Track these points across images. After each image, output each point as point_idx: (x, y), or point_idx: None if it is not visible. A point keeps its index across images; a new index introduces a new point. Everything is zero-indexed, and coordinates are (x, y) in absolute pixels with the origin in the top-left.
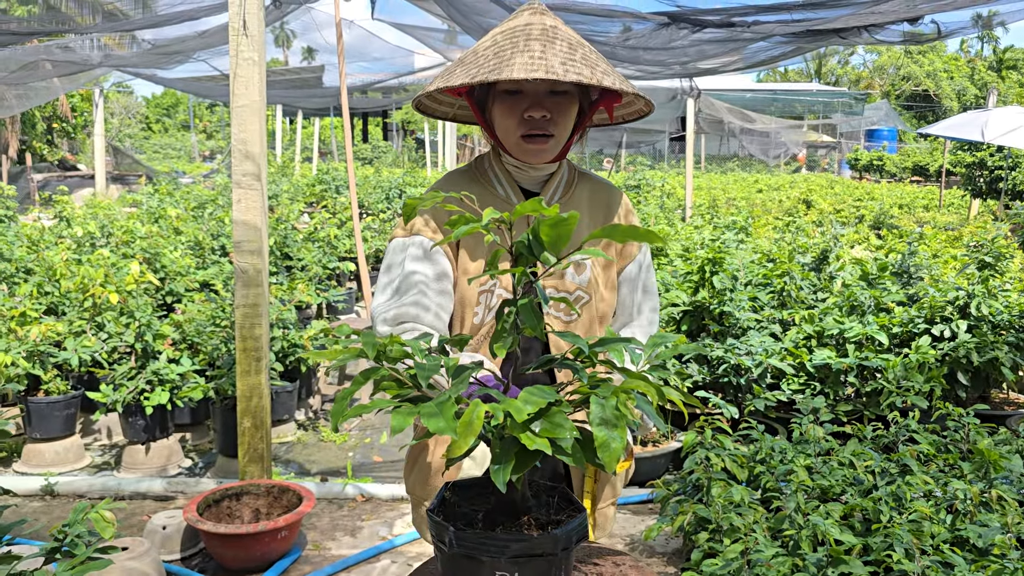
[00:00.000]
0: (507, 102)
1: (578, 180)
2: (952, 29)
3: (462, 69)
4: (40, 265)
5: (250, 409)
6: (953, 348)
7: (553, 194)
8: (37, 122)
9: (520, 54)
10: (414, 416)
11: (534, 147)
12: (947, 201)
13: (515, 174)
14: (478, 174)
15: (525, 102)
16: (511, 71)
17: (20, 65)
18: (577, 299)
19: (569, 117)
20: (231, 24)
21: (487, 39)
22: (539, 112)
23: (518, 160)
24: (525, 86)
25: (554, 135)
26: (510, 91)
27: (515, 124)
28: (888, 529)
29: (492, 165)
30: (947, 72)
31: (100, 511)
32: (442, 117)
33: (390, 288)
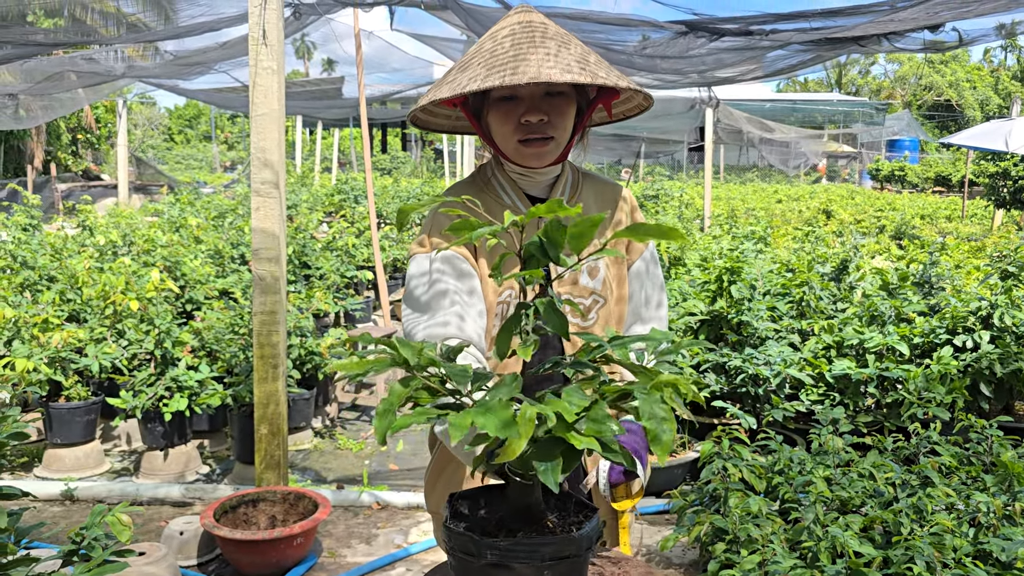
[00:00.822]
0: (502, 108)
1: (583, 181)
2: (974, 37)
3: (450, 80)
4: (63, 273)
5: (267, 416)
6: (975, 359)
7: (560, 197)
8: (62, 133)
9: (510, 59)
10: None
11: (533, 150)
12: (970, 211)
13: (520, 181)
14: (482, 183)
15: (521, 107)
16: (500, 76)
17: (45, 76)
18: (593, 303)
19: (567, 118)
20: (251, 34)
21: (474, 47)
22: (536, 116)
23: (519, 166)
24: (519, 91)
25: (554, 137)
26: (505, 97)
27: (512, 130)
28: (909, 542)
29: (495, 174)
30: (970, 82)
31: (117, 514)
32: (438, 129)
33: (423, 308)
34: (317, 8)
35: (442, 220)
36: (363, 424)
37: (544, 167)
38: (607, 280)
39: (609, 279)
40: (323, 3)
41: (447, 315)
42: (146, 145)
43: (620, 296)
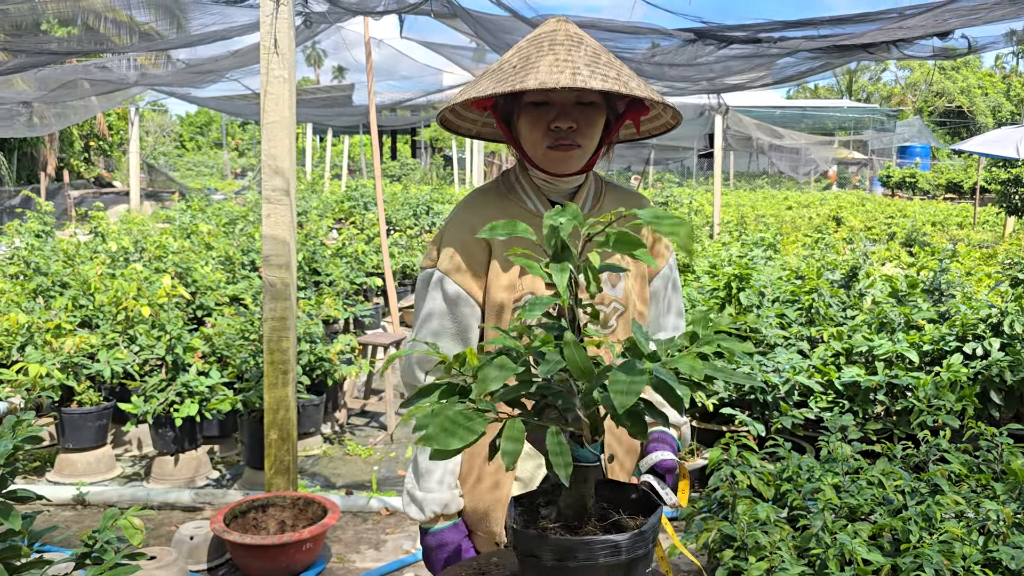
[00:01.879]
0: (533, 113)
1: (606, 191)
2: (984, 44)
3: (487, 81)
4: (75, 279)
5: (277, 421)
6: (986, 366)
7: (582, 205)
8: (75, 140)
9: (544, 62)
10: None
11: (560, 155)
12: (981, 218)
13: (544, 188)
14: (505, 189)
15: (551, 113)
16: (536, 78)
17: (59, 84)
18: (613, 310)
19: (596, 128)
20: (262, 42)
21: (511, 50)
22: (566, 122)
23: (545, 173)
24: (551, 97)
25: (581, 145)
26: (536, 103)
27: (541, 135)
28: (918, 550)
29: (519, 180)
30: (981, 88)
31: (129, 518)
32: (465, 134)
33: (419, 326)
34: (328, 16)
35: (453, 234)
36: (372, 430)
37: (569, 174)
38: (628, 289)
39: (629, 288)
40: (334, 11)
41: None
42: (158, 152)
43: (640, 307)
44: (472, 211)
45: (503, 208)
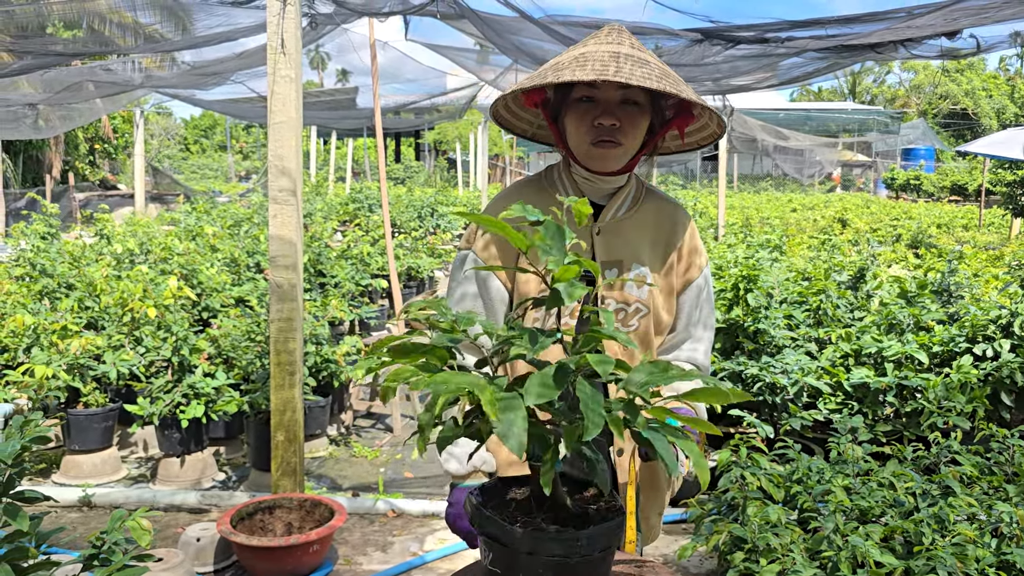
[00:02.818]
0: (579, 110)
1: (645, 196)
2: (991, 44)
3: (538, 76)
4: (81, 281)
5: (283, 423)
6: (996, 368)
7: (620, 207)
8: (80, 143)
9: (597, 62)
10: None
11: (600, 151)
12: (987, 220)
13: (583, 185)
14: (546, 184)
15: (597, 110)
16: (584, 73)
17: (64, 86)
18: (636, 310)
19: (639, 129)
20: (268, 42)
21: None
22: (609, 120)
23: (587, 171)
24: (598, 95)
25: (623, 144)
26: (583, 98)
27: (585, 131)
28: (931, 552)
29: (561, 176)
30: (986, 90)
31: (137, 519)
32: (521, 134)
33: (450, 303)
34: (334, 18)
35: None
36: (378, 432)
37: (609, 173)
38: (654, 293)
39: (656, 293)
40: (340, 12)
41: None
42: (162, 155)
43: (667, 309)
44: (510, 201)
45: (540, 201)
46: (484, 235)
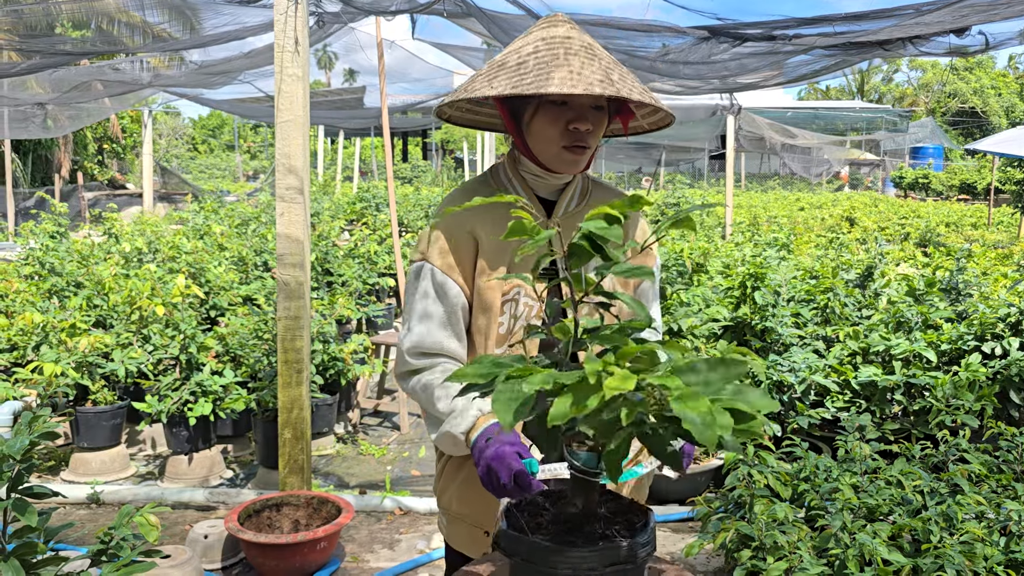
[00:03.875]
0: (552, 113)
1: (592, 189)
2: (1000, 41)
3: (507, 76)
4: (90, 279)
5: (291, 421)
6: (1005, 366)
7: (570, 202)
8: (88, 143)
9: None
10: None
11: (574, 158)
12: (996, 219)
13: (532, 183)
14: (495, 184)
15: (570, 113)
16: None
17: (73, 86)
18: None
19: (602, 130)
20: (276, 41)
21: (525, 47)
22: (585, 125)
23: (544, 170)
24: (572, 98)
25: (590, 147)
26: (556, 102)
27: (558, 134)
28: (939, 550)
29: (508, 174)
30: (995, 89)
31: (145, 515)
32: (458, 122)
33: (409, 317)
34: (341, 16)
35: (442, 227)
36: (385, 430)
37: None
38: (616, 286)
39: (617, 285)
40: (347, 11)
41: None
42: (170, 155)
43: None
44: (463, 202)
45: (490, 204)
46: (438, 243)
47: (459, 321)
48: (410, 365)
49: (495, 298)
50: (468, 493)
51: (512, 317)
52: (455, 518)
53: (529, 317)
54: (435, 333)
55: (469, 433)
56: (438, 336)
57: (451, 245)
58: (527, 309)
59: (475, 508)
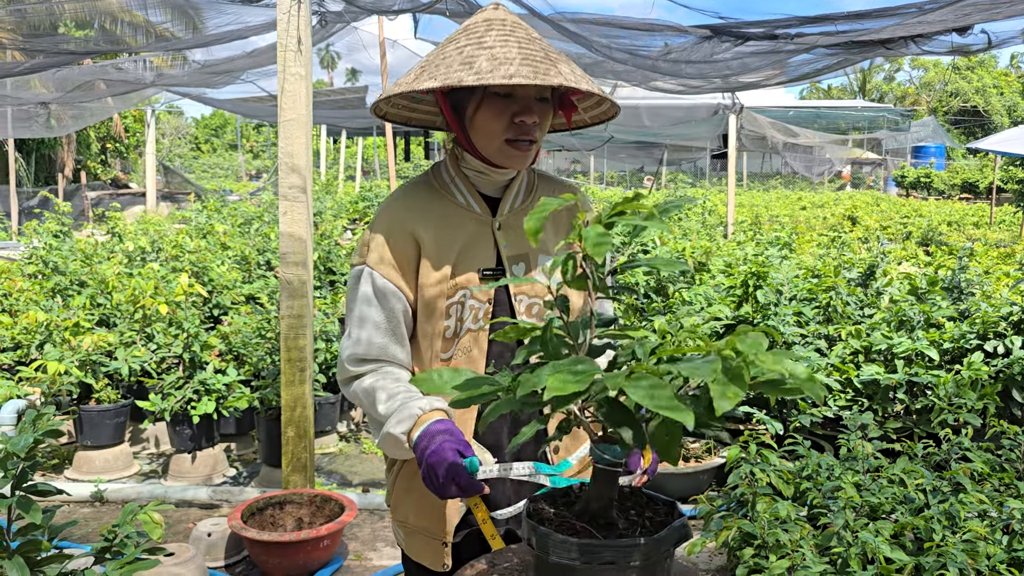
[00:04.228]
0: (496, 106)
1: (539, 183)
2: (1002, 40)
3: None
4: (93, 278)
5: (294, 419)
6: (1007, 365)
7: (515, 200)
8: (92, 143)
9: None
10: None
11: (519, 153)
12: (998, 218)
13: (475, 180)
14: (437, 184)
15: (515, 106)
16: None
17: (76, 85)
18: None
19: (548, 123)
20: (279, 40)
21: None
22: (531, 117)
23: (488, 166)
24: (517, 90)
25: (537, 140)
26: (500, 94)
27: (503, 128)
28: (941, 548)
29: (450, 172)
30: (997, 88)
31: (148, 512)
32: (395, 119)
33: (350, 324)
34: (344, 16)
35: (382, 230)
36: None
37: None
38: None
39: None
40: (349, 10)
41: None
42: (173, 154)
43: (579, 294)
44: (401, 207)
45: (433, 204)
46: (379, 246)
47: (401, 325)
48: (351, 372)
49: (440, 302)
50: (424, 504)
51: (458, 320)
52: (413, 530)
53: (477, 319)
54: (377, 339)
55: (410, 433)
56: (380, 342)
57: (392, 248)
58: (473, 311)
59: (432, 519)
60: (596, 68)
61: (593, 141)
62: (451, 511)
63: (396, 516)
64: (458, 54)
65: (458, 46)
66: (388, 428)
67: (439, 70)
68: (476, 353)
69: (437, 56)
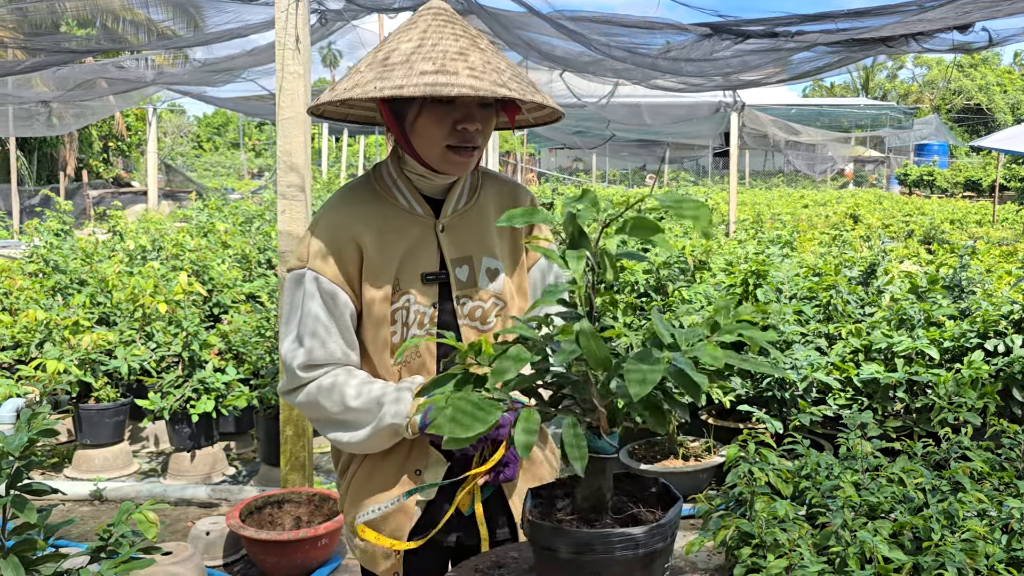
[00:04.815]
0: (437, 112)
1: (483, 183)
2: (1004, 37)
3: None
4: (93, 276)
5: (292, 418)
6: (1008, 363)
7: (458, 201)
8: (94, 141)
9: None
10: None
11: (462, 159)
12: (1001, 216)
13: (418, 183)
14: (379, 187)
15: (457, 113)
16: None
17: (77, 83)
18: (493, 306)
19: (492, 128)
20: (277, 38)
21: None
22: (474, 124)
23: (428, 169)
24: (458, 97)
25: (479, 147)
26: (441, 100)
27: (444, 135)
28: (940, 548)
29: (392, 175)
30: (1000, 85)
31: (144, 511)
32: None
33: (293, 331)
34: (343, 14)
35: (324, 234)
36: None
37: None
38: (508, 284)
39: (509, 283)
40: (349, 8)
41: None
42: (175, 152)
43: (518, 301)
44: (343, 209)
45: (375, 207)
46: (316, 248)
47: (350, 329)
48: (303, 379)
49: (384, 307)
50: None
51: (404, 325)
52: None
53: (423, 324)
54: (329, 344)
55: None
56: (331, 347)
57: (335, 253)
58: (418, 316)
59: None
60: (595, 66)
61: (595, 139)
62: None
63: (347, 522)
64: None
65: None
66: (387, 419)
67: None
68: (427, 357)
69: (379, 59)
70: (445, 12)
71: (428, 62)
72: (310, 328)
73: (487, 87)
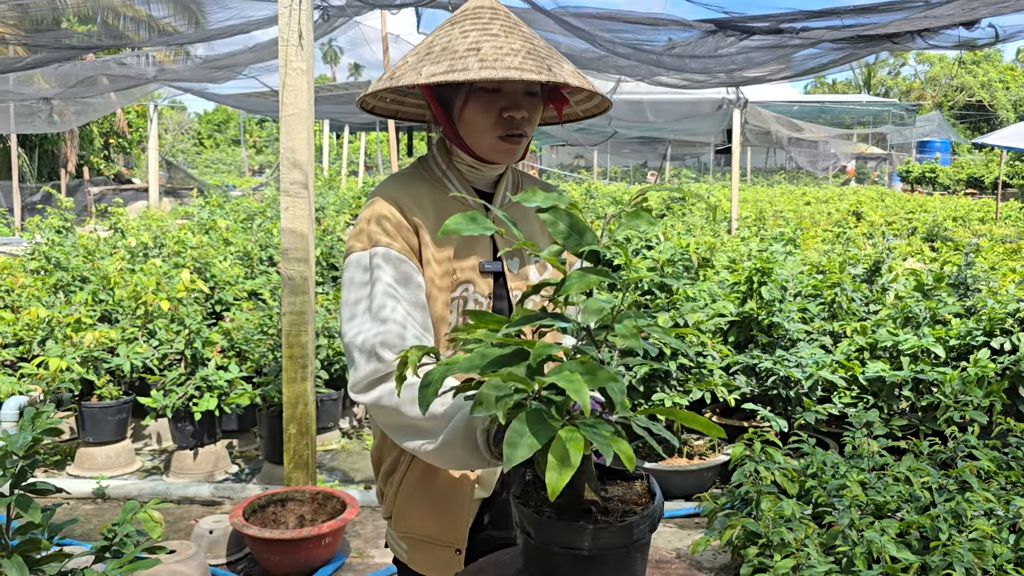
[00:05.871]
0: (484, 101)
1: (523, 181)
2: (1010, 33)
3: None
4: (95, 274)
5: (296, 416)
6: (1014, 362)
7: (504, 194)
8: (95, 138)
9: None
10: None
11: (511, 147)
12: (1004, 213)
13: (468, 175)
14: (430, 178)
15: (503, 101)
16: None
17: (78, 80)
18: (542, 299)
19: (538, 117)
20: (280, 34)
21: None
22: (520, 112)
23: (477, 160)
24: (504, 85)
25: (526, 135)
26: (487, 89)
27: (492, 123)
28: (948, 547)
29: (441, 167)
30: (1002, 82)
31: (148, 511)
32: (382, 113)
33: (365, 312)
34: (346, 10)
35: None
36: None
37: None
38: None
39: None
40: (352, 5)
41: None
42: (176, 150)
43: None
44: (400, 191)
45: (429, 197)
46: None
47: (426, 311)
48: (380, 371)
49: (442, 295)
50: (433, 511)
51: (460, 317)
52: (419, 541)
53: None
54: (411, 327)
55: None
56: (415, 331)
57: (396, 230)
58: (476, 306)
59: (442, 526)
60: (599, 63)
61: (597, 136)
62: (462, 516)
63: (399, 528)
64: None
65: (447, 39)
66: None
67: (425, 65)
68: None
69: (424, 48)
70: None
71: (470, 51)
72: (388, 311)
73: (529, 74)
